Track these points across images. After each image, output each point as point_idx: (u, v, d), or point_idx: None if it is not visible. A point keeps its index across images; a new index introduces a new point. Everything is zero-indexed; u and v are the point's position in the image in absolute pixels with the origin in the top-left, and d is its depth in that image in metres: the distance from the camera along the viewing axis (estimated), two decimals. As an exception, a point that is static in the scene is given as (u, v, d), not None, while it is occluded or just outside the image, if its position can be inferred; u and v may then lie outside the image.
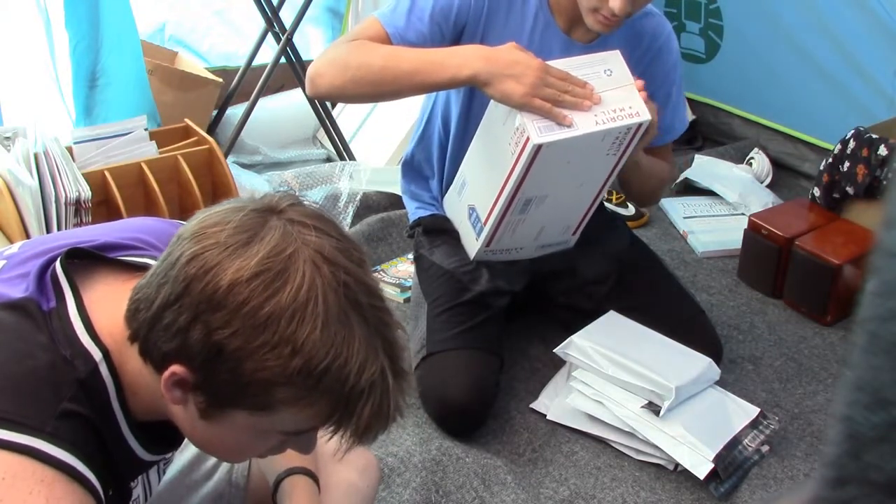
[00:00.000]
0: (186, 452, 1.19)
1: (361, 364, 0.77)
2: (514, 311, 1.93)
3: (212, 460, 1.19)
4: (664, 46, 1.79)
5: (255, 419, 0.80)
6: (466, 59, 1.54)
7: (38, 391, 0.79)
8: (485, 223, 1.71)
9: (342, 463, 1.22)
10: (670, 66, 1.80)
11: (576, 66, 1.59)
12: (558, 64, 1.57)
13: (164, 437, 0.92)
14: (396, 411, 0.83)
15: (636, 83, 1.59)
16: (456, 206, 1.82)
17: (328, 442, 1.23)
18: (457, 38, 1.68)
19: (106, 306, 0.85)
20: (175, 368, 0.78)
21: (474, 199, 1.74)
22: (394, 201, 2.55)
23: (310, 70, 1.64)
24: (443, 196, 1.90)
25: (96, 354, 0.82)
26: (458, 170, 1.82)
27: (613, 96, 1.57)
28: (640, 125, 1.58)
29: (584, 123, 1.54)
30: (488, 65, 1.52)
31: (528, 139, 1.52)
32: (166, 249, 0.81)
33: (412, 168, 1.98)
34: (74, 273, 0.87)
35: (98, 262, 0.90)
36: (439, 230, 1.90)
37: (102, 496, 0.82)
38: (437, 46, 1.63)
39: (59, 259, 0.87)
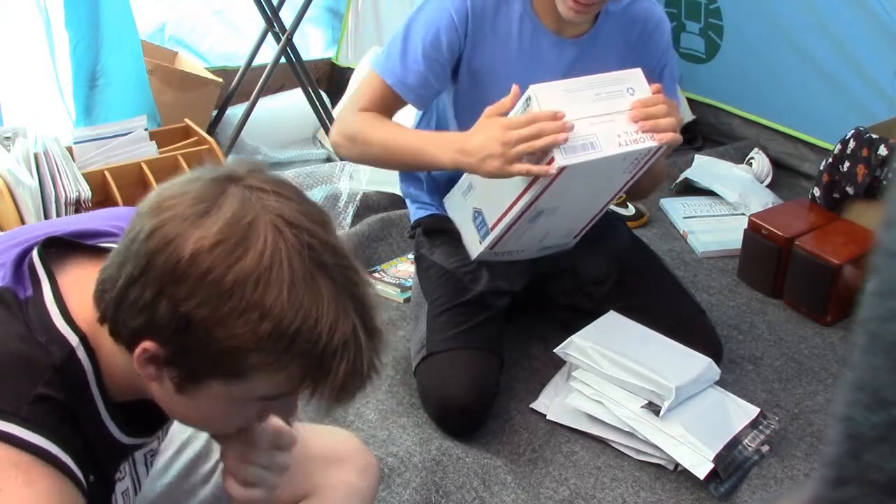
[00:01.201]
0: (183, 456, 1.19)
1: (332, 324, 0.77)
2: (514, 311, 1.93)
3: (209, 463, 1.18)
4: (655, 31, 1.79)
5: (231, 388, 0.80)
6: (445, 151, 1.60)
7: (12, 378, 0.79)
8: (492, 228, 1.71)
9: (341, 464, 1.22)
10: (662, 51, 1.80)
11: (598, 83, 1.58)
12: (580, 81, 1.57)
13: (144, 419, 0.92)
14: (371, 369, 0.82)
15: (651, 87, 1.59)
16: (459, 207, 1.82)
17: (326, 445, 1.24)
18: (455, 63, 1.70)
19: (81, 291, 0.85)
20: (146, 345, 0.78)
21: (481, 203, 1.73)
22: (394, 201, 2.55)
23: (331, 136, 1.79)
24: (441, 196, 1.90)
25: (73, 339, 0.83)
26: (449, 173, 1.83)
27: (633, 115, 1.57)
28: (659, 147, 1.58)
29: (607, 144, 1.53)
30: (463, 156, 1.57)
31: (552, 159, 1.50)
32: (126, 227, 0.81)
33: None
34: (51, 261, 0.87)
35: (76, 249, 0.90)
36: (439, 230, 1.90)
37: (82, 480, 0.81)
38: (439, 78, 1.69)
39: (35, 248, 0.87)
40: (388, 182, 2.57)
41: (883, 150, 2.23)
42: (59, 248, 0.90)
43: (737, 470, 1.65)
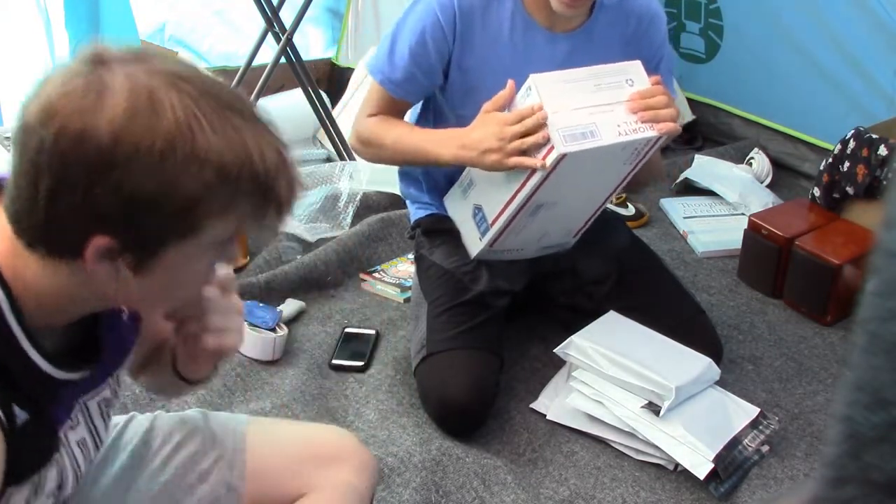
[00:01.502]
0: (181, 453, 1.19)
1: (261, 151, 0.80)
2: (514, 311, 1.93)
3: (207, 462, 1.18)
4: (651, 25, 1.79)
5: (186, 247, 0.80)
6: (447, 148, 1.66)
7: None
8: (492, 224, 1.71)
9: (339, 463, 1.22)
10: (658, 45, 1.81)
11: (598, 74, 1.59)
12: (580, 72, 1.58)
13: (76, 351, 0.91)
14: (299, 177, 0.86)
15: (651, 79, 1.60)
16: (459, 205, 1.82)
17: (323, 444, 1.24)
18: (446, 62, 1.72)
19: None
20: (96, 242, 0.77)
21: (481, 199, 1.74)
22: (394, 201, 2.55)
23: (349, 141, 1.91)
24: (440, 196, 1.90)
25: None
26: (443, 171, 1.83)
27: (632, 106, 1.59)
28: (659, 137, 1.59)
29: (607, 133, 1.55)
30: (464, 151, 1.62)
31: (551, 147, 1.52)
32: (16, 150, 0.79)
33: (405, 171, 1.99)
34: None
35: None
36: (439, 230, 1.90)
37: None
38: (427, 75, 1.73)
39: None
40: (388, 182, 2.57)
41: (883, 150, 2.23)
42: None
43: (737, 470, 1.65)
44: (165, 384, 1.14)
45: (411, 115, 1.90)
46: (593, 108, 1.56)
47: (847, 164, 2.31)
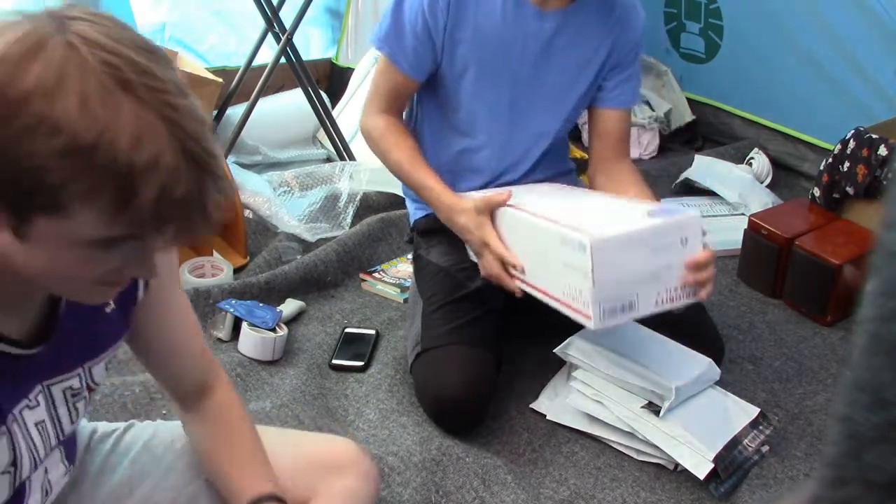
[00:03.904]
0: (179, 464, 1.20)
1: (135, 140, 0.73)
2: (513, 311, 1.93)
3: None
4: (630, 13, 1.83)
5: (59, 226, 0.76)
6: (438, 209, 1.79)
7: None
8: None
9: (342, 471, 1.22)
10: (638, 33, 1.86)
11: (657, 234, 1.45)
12: (640, 233, 1.44)
13: (28, 328, 0.91)
14: (203, 198, 0.78)
15: (704, 251, 1.49)
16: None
17: (323, 449, 1.24)
18: (442, 35, 1.74)
19: None
20: None
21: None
22: (394, 201, 2.55)
23: (360, 123, 1.90)
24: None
25: None
26: (438, 162, 1.86)
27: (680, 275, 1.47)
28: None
29: (645, 304, 1.45)
30: (451, 223, 1.76)
31: (588, 316, 1.43)
32: None
33: None
34: None
35: None
36: (435, 230, 1.91)
37: None
38: (428, 46, 1.75)
39: None
40: (388, 182, 2.57)
41: (883, 150, 2.23)
42: None
43: (737, 470, 1.65)
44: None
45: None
46: (640, 278, 1.44)
47: (847, 164, 2.31)
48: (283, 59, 2.80)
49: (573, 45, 1.78)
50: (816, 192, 2.40)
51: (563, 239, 1.45)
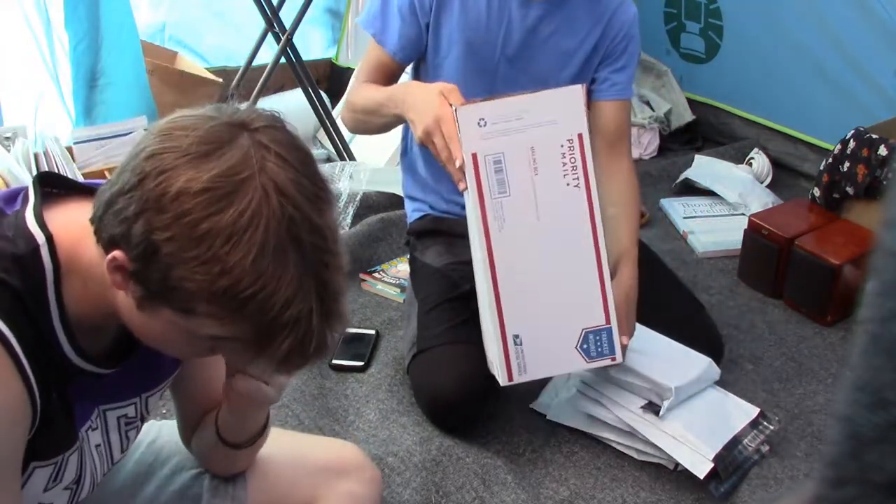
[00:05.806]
0: (183, 467, 1.20)
1: (288, 299, 0.78)
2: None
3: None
4: (620, 7, 1.81)
5: (181, 319, 0.81)
6: (395, 102, 1.62)
7: None
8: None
9: (345, 475, 1.23)
10: (627, 27, 1.83)
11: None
12: (521, 99, 1.49)
13: (101, 349, 0.93)
14: (319, 351, 0.83)
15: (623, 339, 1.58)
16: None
17: (329, 457, 1.25)
18: (427, 20, 1.75)
19: (66, 211, 0.88)
20: (116, 253, 0.80)
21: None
22: (394, 201, 2.55)
23: (341, 112, 1.85)
24: (440, 195, 1.91)
25: (39, 238, 0.84)
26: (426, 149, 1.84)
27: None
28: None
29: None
30: (402, 107, 1.58)
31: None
32: (137, 140, 0.83)
33: (408, 165, 1.99)
34: (50, 198, 0.90)
35: (77, 192, 0.93)
36: (430, 231, 1.91)
37: (28, 370, 0.82)
38: (417, 28, 1.74)
39: (33, 178, 0.90)
40: (388, 182, 2.57)
41: (883, 150, 2.23)
42: (63, 190, 0.92)
43: (737, 470, 1.65)
44: (210, 447, 1.14)
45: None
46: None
47: (847, 164, 2.31)
48: (283, 59, 2.80)
49: (558, 33, 1.77)
50: (816, 192, 2.40)
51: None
